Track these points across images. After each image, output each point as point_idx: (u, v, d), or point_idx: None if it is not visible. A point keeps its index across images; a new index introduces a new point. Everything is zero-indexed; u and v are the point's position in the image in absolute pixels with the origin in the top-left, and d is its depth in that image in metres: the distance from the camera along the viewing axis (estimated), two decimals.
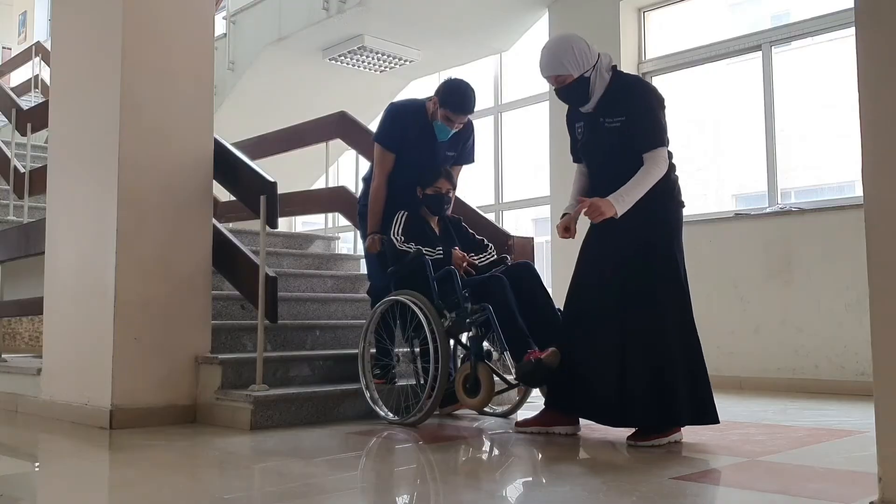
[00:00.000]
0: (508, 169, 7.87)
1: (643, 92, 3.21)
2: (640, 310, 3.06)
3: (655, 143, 3.09)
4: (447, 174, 3.96)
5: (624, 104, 3.15)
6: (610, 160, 3.20)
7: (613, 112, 3.16)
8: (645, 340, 3.04)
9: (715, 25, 6.41)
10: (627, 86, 3.20)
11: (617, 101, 3.17)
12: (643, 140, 3.10)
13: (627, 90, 3.18)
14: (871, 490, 1.94)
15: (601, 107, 3.21)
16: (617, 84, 3.20)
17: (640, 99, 3.16)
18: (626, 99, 3.16)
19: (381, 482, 2.63)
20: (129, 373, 3.67)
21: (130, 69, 3.82)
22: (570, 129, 3.40)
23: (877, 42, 1.90)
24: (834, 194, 5.82)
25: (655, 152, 3.08)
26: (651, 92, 3.24)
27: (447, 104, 3.87)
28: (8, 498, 2.35)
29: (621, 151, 3.13)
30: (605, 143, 3.19)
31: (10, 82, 10.49)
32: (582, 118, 3.31)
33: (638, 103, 3.14)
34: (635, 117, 3.12)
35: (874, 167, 1.89)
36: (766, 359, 5.41)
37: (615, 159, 3.16)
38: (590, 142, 3.27)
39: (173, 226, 3.89)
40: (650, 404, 3.01)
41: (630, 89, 3.19)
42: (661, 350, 3.04)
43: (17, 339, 7.20)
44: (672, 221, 3.19)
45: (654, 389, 3.01)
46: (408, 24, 7.23)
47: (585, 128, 3.29)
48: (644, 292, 3.07)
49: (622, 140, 3.13)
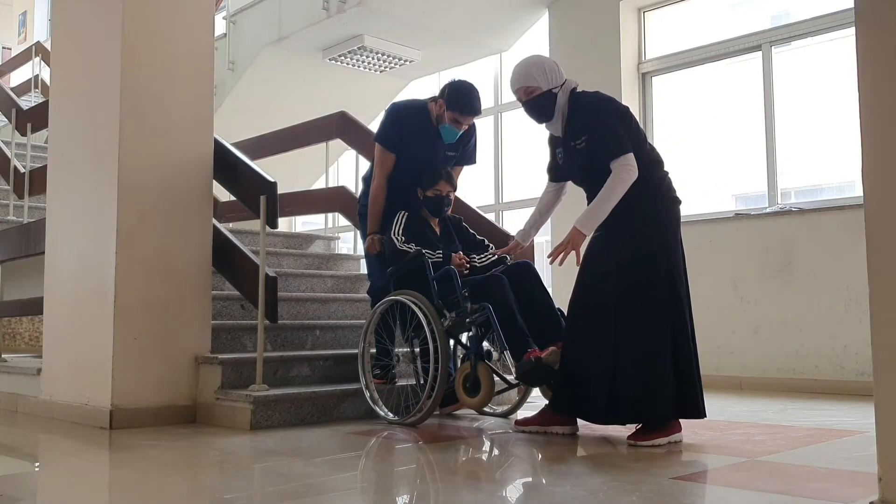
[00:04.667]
0: (508, 169, 7.86)
1: (596, 107, 3.31)
2: (630, 312, 3.09)
3: (616, 153, 3.17)
4: (447, 176, 3.96)
5: (585, 124, 3.28)
6: (589, 178, 3.32)
7: (578, 133, 3.29)
8: (634, 342, 3.07)
9: (715, 25, 6.40)
10: (582, 105, 3.32)
11: (577, 122, 3.30)
12: (605, 152, 3.20)
13: (582, 110, 3.31)
14: (871, 490, 1.94)
15: (568, 130, 3.34)
16: (575, 106, 3.33)
17: (593, 115, 3.28)
18: (582, 118, 3.29)
19: (381, 482, 2.63)
20: (129, 373, 3.67)
21: (130, 69, 3.82)
22: (552, 151, 3.53)
23: (877, 42, 1.90)
24: (834, 194, 5.81)
25: (618, 161, 3.16)
26: (603, 106, 3.32)
27: (455, 106, 3.86)
28: (8, 498, 2.35)
29: (595, 169, 3.24)
30: (579, 164, 3.32)
31: (10, 82, 10.49)
32: (559, 144, 3.44)
33: (591, 119, 3.27)
34: (593, 133, 3.24)
35: (874, 167, 1.89)
36: (766, 359, 5.41)
37: (594, 176, 3.27)
38: (567, 165, 3.41)
39: (173, 226, 3.89)
40: (640, 403, 3.03)
41: (584, 108, 3.31)
42: (651, 351, 3.05)
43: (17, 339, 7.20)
44: (666, 221, 3.23)
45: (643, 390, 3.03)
46: (408, 24, 7.23)
47: (563, 152, 3.41)
48: (636, 295, 3.10)
49: (592, 158, 3.25)
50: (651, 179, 3.23)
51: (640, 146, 3.25)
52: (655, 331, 3.07)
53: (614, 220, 3.20)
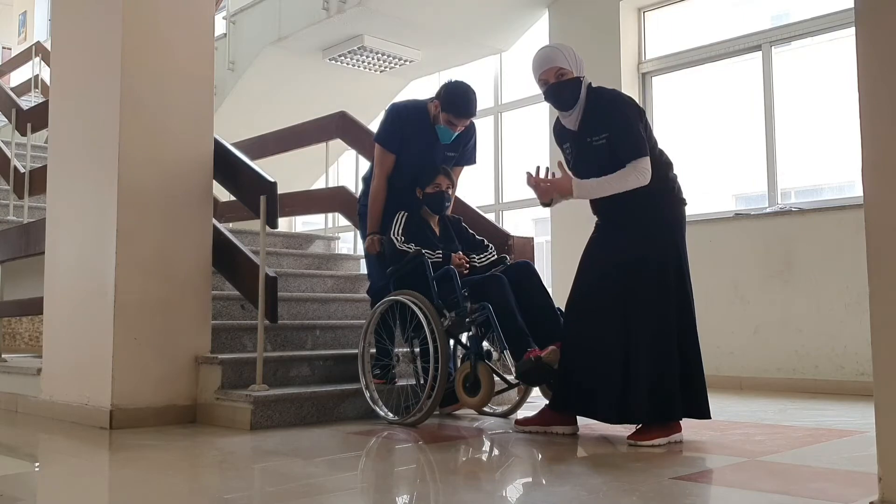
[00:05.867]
0: (508, 169, 7.86)
1: (622, 106, 3.28)
2: (643, 311, 3.09)
3: (636, 154, 3.16)
4: (445, 171, 3.96)
5: (606, 121, 3.24)
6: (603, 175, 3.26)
7: (597, 130, 3.25)
8: (648, 342, 3.07)
9: (715, 25, 6.40)
10: (606, 101, 3.29)
11: (599, 119, 3.26)
12: (625, 152, 3.18)
13: (606, 106, 3.27)
14: (871, 490, 1.94)
15: (584, 125, 3.29)
16: (596, 101, 3.29)
17: (619, 113, 3.24)
18: (607, 115, 3.25)
19: (381, 482, 2.63)
20: (129, 373, 3.67)
21: (130, 69, 3.82)
22: (560, 146, 3.49)
23: (876, 42, 1.90)
24: (834, 194, 5.81)
25: (636, 162, 3.15)
26: (629, 105, 3.30)
27: (449, 108, 3.86)
28: (8, 498, 2.35)
29: (612, 167, 3.21)
30: (595, 160, 3.26)
31: (10, 82, 10.49)
32: (568, 138, 3.39)
33: (618, 118, 3.23)
34: (617, 132, 3.20)
35: (874, 167, 1.89)
36: (766, 359, 5.41)
37: (608, 173, 3.22)
38: (580, 161, 3.34)
39: (173, 226, 3.89)
40: (651, 404, 3.03)
41: (608, 105, 3.28)
42: (664, 351, 3.06)
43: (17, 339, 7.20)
44: (674, 223, 3.24)
45: (656, 389, 3.03)
46: (408, 24, 7.23)
47: (573, 147, 3.37)
48: (648, 295, 3.10)
49: (611, 155, 3.21)
50: (665, 181, 3.24)
51: (653, 148, 3.26)
52: (669, 331, 3.08)
53: (624, 218, 3.21)
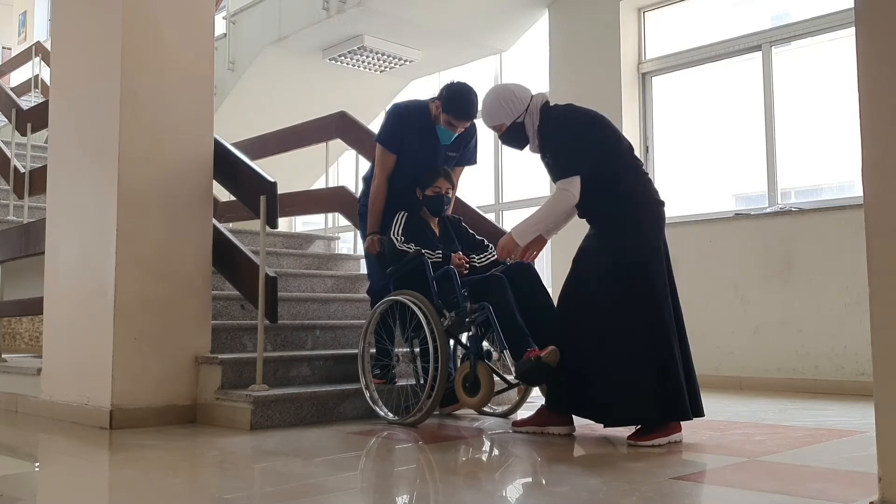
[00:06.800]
0: (508, 169, 7.86)
1: (554, 126, 3.37)
2: (638, 312, 3.10)
3: (560, 176, 3.28)
4: (446, 174, 3.97)
5: (545, 143, 3.37)
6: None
7: (544, 151, 3.40)
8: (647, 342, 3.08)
9: (715, 25, 6.40)
10: (544, 125, 3.38)
11: (543, 141, 3.39)
12: (553, 176, 3.35)
13: (543, 130, 3.38)
14: (871, 490, 1.94)
15: (540, 147, 3.42)
16: (541, 123, 3.39)
17: (550, 136, 3.36)
18: (544, 138, 3.37)
19: (381, 482, 2.63)
20: (129, 373, 3.67)
21: (130, 69, 3.82)
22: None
23: (876, 42, 1.90)
24: (834, 194, 5.81)
25: (560, 184, 3.30)
26: (561, 124, 3.36)
27: (450, 110, 3.87)
28: (8, 498, 2.35)
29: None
30: (552, 178, 3.42)
31: (10, 82, 10.49)
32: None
33: (549, 141, 3.36)
34: (550, 155, 3.35)
35: (874, 167, 1.89)
36: (766, 359, 5.41)
37: None
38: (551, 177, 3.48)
39: (173, 225, 3.89)
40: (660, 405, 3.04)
41: (545, 128, 3.37)
42: (662, 352, 3.07)
43: (17, 339, 7.20)
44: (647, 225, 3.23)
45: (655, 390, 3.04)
46: (408, 24, 7.23)
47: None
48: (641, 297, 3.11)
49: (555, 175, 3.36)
50: (636, 185, 3.27)
51: (615, 154, 3.29)
52: (665, 331, 3.09)
53: (604, 225, 3.27)
